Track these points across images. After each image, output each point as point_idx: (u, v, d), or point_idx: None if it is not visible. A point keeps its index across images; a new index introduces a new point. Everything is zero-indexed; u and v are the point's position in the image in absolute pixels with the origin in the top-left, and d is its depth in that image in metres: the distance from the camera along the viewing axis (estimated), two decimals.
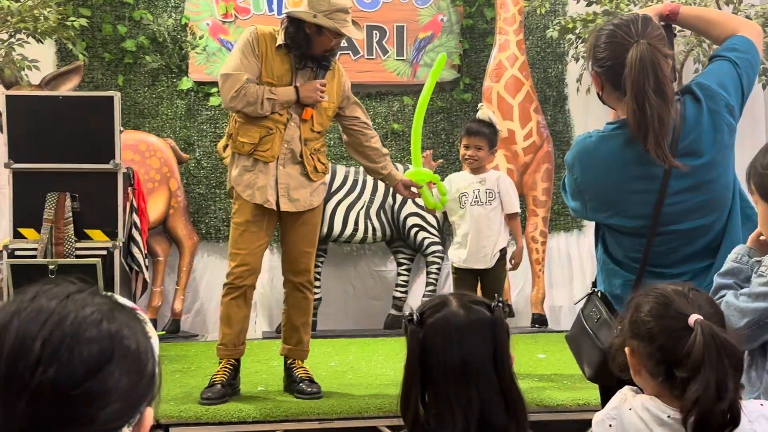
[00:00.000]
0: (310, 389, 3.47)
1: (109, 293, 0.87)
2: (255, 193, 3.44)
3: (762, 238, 1.67)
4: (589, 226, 6.05)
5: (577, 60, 5.65)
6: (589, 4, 5.37)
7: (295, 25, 3.40)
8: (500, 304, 1.40)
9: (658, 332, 1.34)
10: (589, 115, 5.99)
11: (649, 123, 1.83)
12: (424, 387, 1.35)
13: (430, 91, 3.53)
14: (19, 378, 0.77)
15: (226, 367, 3.50)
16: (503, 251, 3.87)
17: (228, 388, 3.45)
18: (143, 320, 0.88)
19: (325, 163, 3.61)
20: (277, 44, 3.44)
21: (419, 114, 3.54)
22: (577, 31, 5.42)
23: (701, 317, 1.30)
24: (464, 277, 3.89)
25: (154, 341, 0.87)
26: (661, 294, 1.37)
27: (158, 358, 0.87)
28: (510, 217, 3.90)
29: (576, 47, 5.59)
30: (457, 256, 3.89)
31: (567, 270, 5.99)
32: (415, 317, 1.37)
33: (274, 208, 3.46)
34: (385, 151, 3.70)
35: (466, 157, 3.87)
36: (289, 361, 3.61)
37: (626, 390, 1.40)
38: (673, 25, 2.12)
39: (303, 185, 3.50)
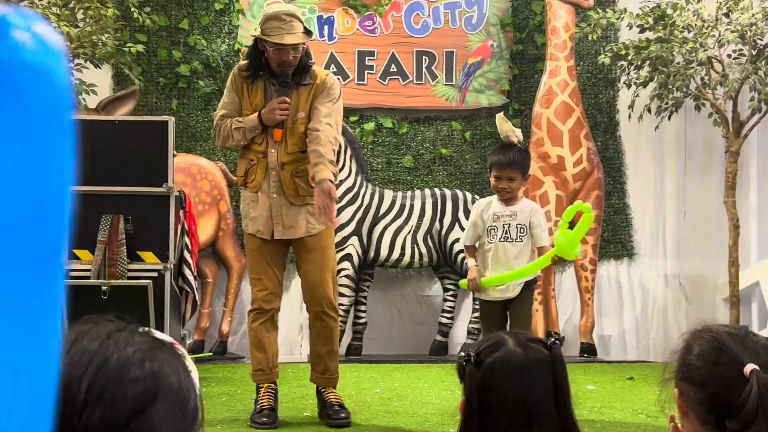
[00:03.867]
0: (338, 415, 3.45)
1: (147, 329, 0.88)
2: (248, 223, 3.51)
3: None
4: (640, 254, 5.96)
5: (629, 86, 5.59)
6: (642, 31, 5.31)
7: (253, 45, 3.49)
8: (557, 342, 1.38)
9: (711, 379, 1.26)
10: (641, 141, 5.90)
11: None
12: (483, 429, 1.33)
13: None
14: (66, 422, 0.78)
15: (268, 392, 3.51)
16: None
17: (276, 412, 3.48)
18: (182, 355, 0.89)
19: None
20: None
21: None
22: (629, 57, 5.36)
23: (757, 367, 1.22)
24: (491, 308, 3.61)
25: (194, 375, 0.88)
26: (715, 337, 1.29)
27: (199, 392, 0.88)
28: (540, 250, 3.58)
29: (628, 73, 5.53)
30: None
31: (617, 299, 5.88)
32: (472, 357, 1.35)
33: (267, 237, 3.47)
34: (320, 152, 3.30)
35: (499, 188, 3.48)
36: (320, 387, 3.61)
37: None
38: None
39: (297, 211, 3.45)
